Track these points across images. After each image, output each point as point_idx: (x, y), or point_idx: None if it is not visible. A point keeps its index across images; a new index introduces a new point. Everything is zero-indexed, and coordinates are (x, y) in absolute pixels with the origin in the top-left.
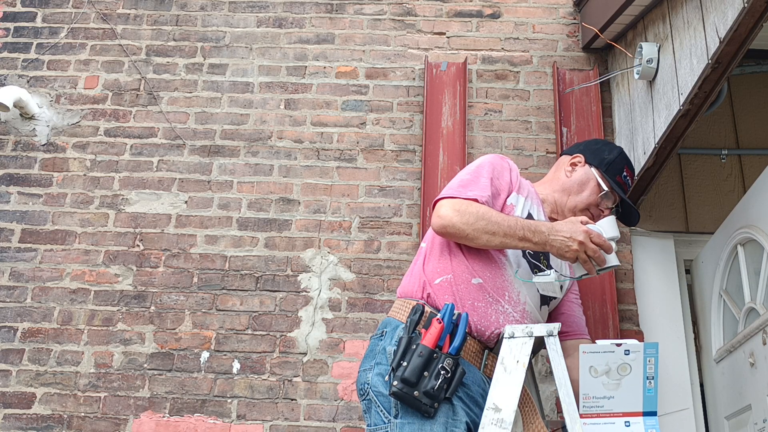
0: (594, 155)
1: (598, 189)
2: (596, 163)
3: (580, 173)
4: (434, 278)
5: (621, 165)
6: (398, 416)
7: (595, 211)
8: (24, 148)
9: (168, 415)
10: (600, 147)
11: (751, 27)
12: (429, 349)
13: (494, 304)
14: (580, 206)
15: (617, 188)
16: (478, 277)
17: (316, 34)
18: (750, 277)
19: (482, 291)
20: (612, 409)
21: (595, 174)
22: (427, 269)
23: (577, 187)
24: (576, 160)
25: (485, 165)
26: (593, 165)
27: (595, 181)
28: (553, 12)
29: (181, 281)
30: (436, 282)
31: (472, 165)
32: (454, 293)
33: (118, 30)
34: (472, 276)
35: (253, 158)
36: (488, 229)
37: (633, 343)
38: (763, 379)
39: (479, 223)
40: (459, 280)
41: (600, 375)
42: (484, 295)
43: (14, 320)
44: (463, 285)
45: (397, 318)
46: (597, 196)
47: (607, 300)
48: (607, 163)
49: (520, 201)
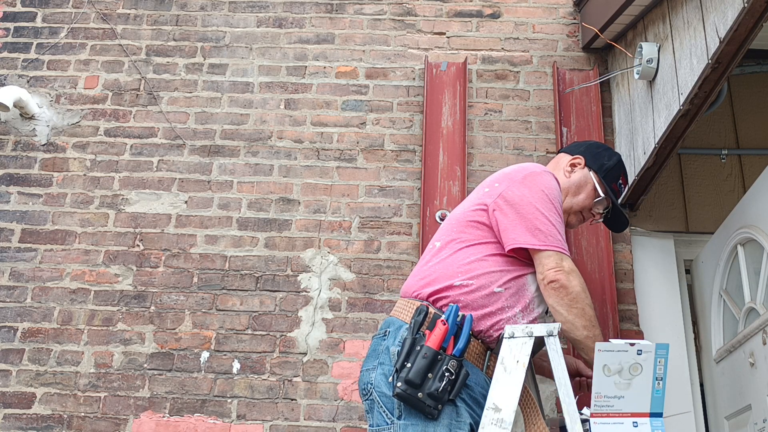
0: (594, 159)
1: (594, 193)
2: (596, 167)
3: (579, 175)
4: (455, 279)
5: (618, 172)
6: (401, 417)
7: (587, 214)
8: (24, 148)
9: (168, 415)
10: (601, 152)
11: (751, 27)
12: (433, 351)
13: (507, 311)
14: (575, 208)
15: (612, 195)
16: (501, 287)
17: (316, 34)
18: (750, 277)
19: (500, 298)
20: (621, 409)
21: (594, 178)
22: (446, 269)
23: (575, 188)
24: (576, 161)
25: (555, 199)
26: (593, 169)
27: (592, 185)
28: (553, 12)
29: (181, 281)
30: (456, 283)
31: (545, 195)
32: (468, 300)
33: (118, 30)
34: (495, 285)
35: (253, 158)
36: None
37: (645, 344)
38: (763, 379)
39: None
40: (480, 288)
41: (613, 374)
42: (498, 301)
43: (14, 320)
44: (483, 292)
45: (400, 318)
46: (592, 201)
47: (607, 300)
48: (606, 169)
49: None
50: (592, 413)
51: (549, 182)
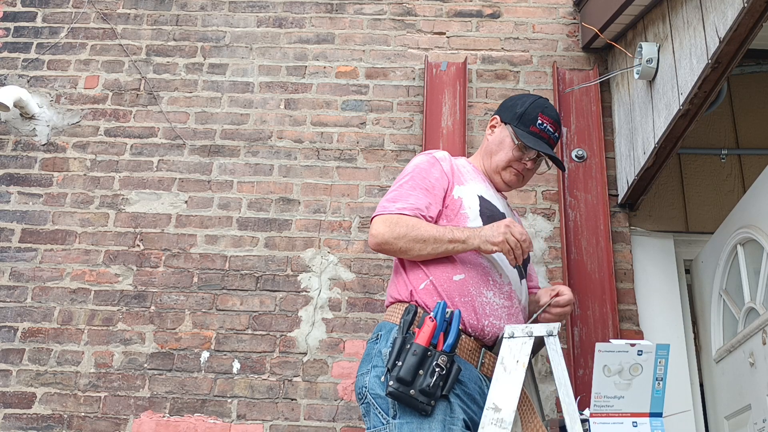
0: (507, 112)
1: (512, 144)
2: (509, 119)
3: (497, 133)
4: (418, 284)
5: (534, 114)
6: (396, 416)
7: (519, 166)
8: (24, 148)
9: (168, 415)
10: (513, 103)
11: (751, 27)
12: (423, 348)
13: (479, 297)
14: (501, 165)
15: (533, 138)
16: (459, 273)
17: (316, 34)
18: (750, 277)
19: (465, 286)
20: (621, 408)
21: (509, 131)
22: (409, 277)
23: (496, 147)
24: (493, 123)
25: (412, 173)
26: (507, 123)
27: (509, 138)
28: (553, 12)
29: (181, 281)
30: (420, 288)
31: (400, 175)
32: (440, 294)
33: (118, 30)
34: (453, 273)
35: (253, 158)
36: (418, 237)
37: (646, 344)
38: (762, 378)
39: (410, 234)
40: (440, 281)
41: (613, 374)
42: (468, 290)
43: (14, 320)
44: (447, 284)
45: (391, 321)
46: (512, 152)
47: (606, 300)
48: (518, 117)
49: (465, 190)
50: (591, 413)
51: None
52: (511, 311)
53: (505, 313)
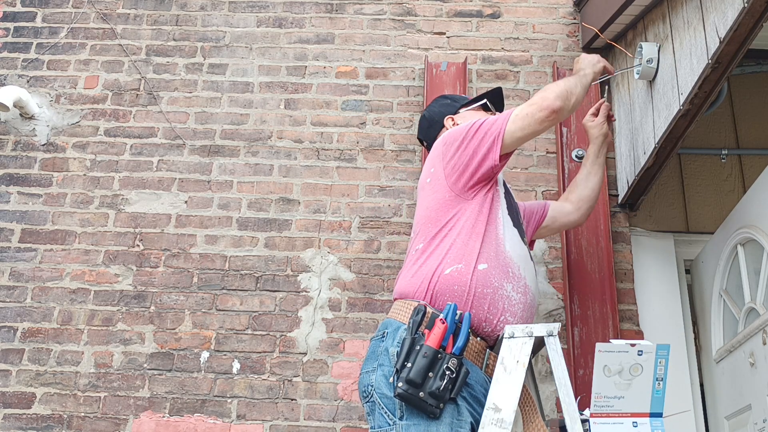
0: (448, 108)
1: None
2: (457, 108)
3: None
4: (444, 269)
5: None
6: (403, 418)
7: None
8: (24, 148)
9: (168, 415)
10: (443, 102)
11: (751, 27)
12: (433, 350)
13: (500, 290)
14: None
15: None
16: (483, 263)
17: (316, 34)
18: (750, 277)
19: (488, 277)
20: (621, 409)
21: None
22: (430, 262)
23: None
24: (451, 122)
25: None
26: (457, 111)
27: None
28: (553, 12)
29: (181, 281)
30: (446, 272)
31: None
32: (462, 285)
33: (118, 30)
34: (478, 262)
35: (253, 158)
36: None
37: (646, 344)
38: (763, 379)
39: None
40: (467, 269)
41: (613, 374)
42: (491, 281)
43: (14, 320)
44: (471, 274)
45: (397, 319)
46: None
47: (607, 300)
48: (461, 104)
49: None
50: (591, 413)
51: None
52: (525, 307)
53: (520, 309)
